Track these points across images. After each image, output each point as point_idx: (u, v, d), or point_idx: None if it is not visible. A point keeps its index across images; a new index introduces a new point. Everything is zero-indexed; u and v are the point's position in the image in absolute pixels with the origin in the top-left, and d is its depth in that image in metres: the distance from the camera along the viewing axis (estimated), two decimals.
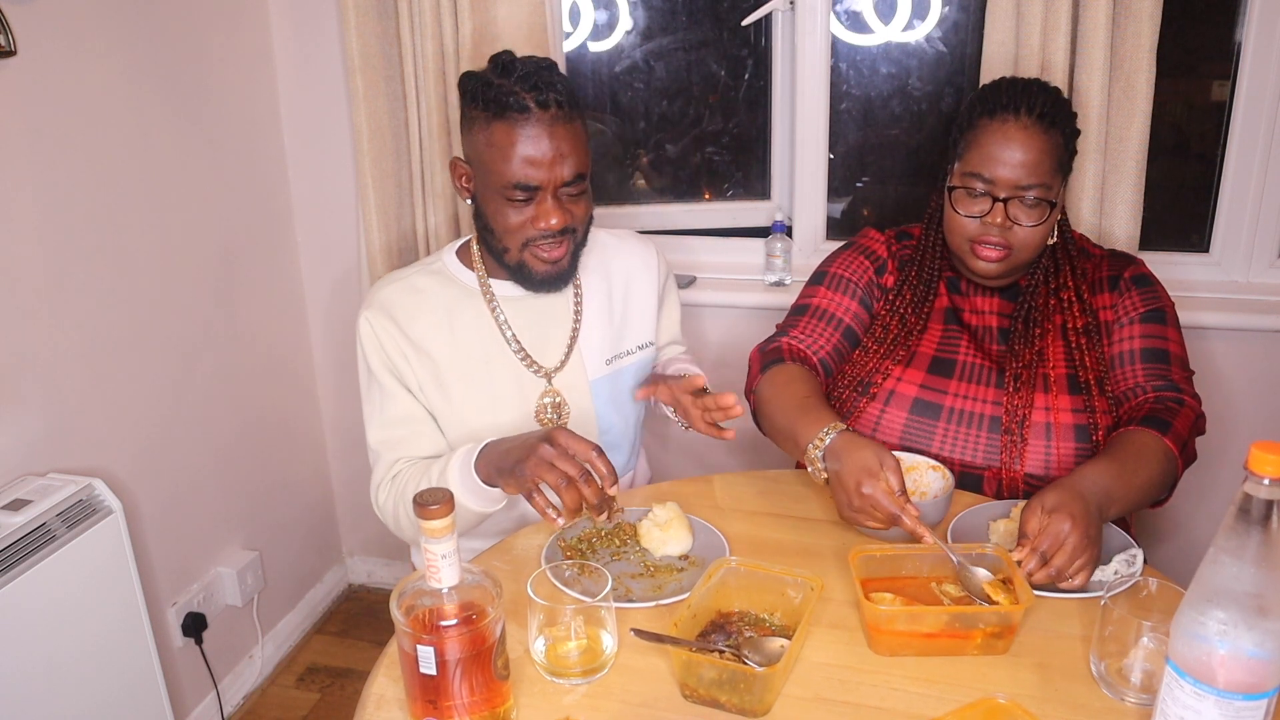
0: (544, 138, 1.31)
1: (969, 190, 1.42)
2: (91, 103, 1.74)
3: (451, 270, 1.49)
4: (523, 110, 1.30)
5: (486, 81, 1.33)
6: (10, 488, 1.59)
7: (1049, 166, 1.39)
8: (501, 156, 1.32)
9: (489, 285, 1.47)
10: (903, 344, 1.50)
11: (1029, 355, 1.45)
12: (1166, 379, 1.40)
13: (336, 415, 2.50)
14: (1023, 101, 1.39)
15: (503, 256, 1.41)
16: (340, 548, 2.67)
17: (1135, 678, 0.99)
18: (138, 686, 1.73)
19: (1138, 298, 1.47)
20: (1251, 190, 1.93)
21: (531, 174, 1.32)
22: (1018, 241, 1.42)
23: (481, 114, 1.33)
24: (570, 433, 1.20)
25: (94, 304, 1.78)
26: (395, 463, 1.43)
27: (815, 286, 1.58)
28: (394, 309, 1.43)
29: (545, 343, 1.49)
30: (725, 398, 1.31)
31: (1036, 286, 1.49)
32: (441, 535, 0.91)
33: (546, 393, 1.48)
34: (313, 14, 2.16)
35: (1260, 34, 1.84)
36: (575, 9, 2.21)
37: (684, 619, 1.05)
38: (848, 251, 1.60)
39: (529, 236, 1.37)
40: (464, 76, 1.38)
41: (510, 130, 1.31)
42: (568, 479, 1.16)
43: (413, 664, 0.93)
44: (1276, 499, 0.79)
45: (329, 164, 2.26)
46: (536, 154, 1.31)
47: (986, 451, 1.43)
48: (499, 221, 1.37)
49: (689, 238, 2.27)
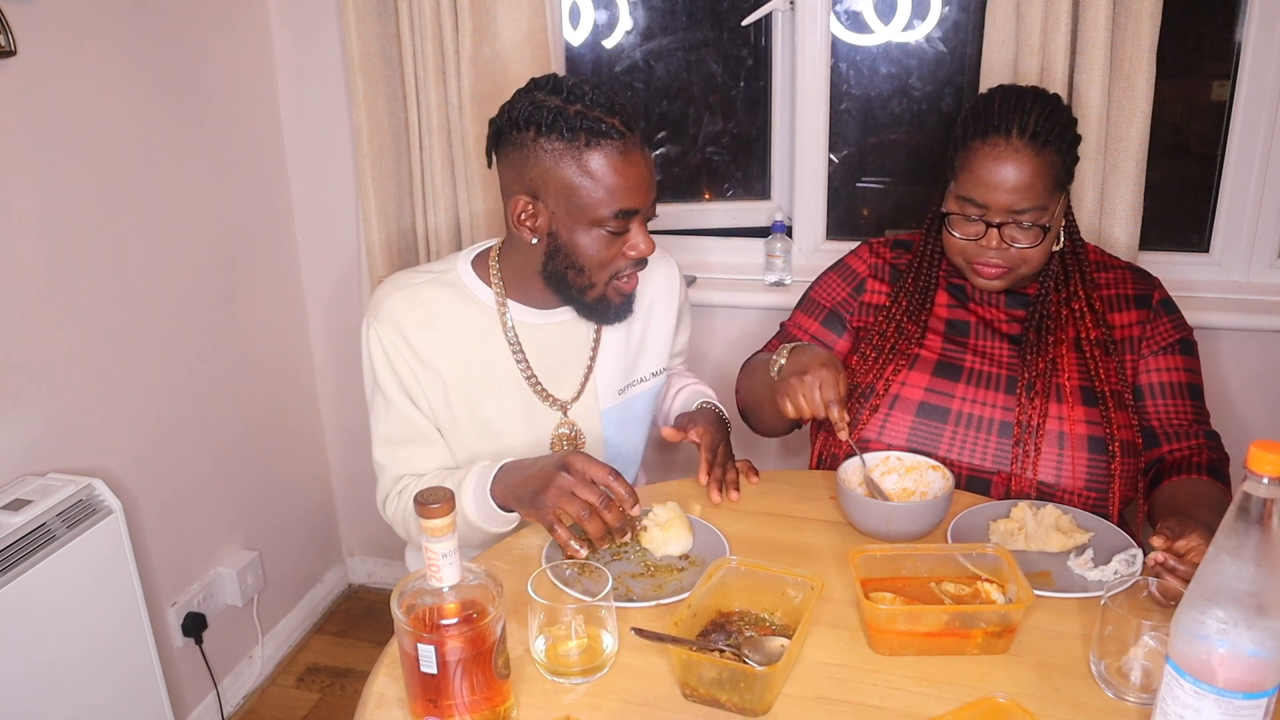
0: (640, 163, 1.27)
1: (963, 214, 1.41)
2: (91, 103, 1.74)
3: (466, 284, 1.41)
4: (617, 136, 1.24)
5: (558, 110, 1.24)
6: (10, 488, 1.60)
7: (1043, 188, 1.36)
8: (602, 185, 1.24)
9: (506, 306, 1.40)
10: (902, 351, 1.49)
11: (1042, 364, 1.44)
12: (1207, 421, 1.48)
13: (336, 415, 2.50)
14: (1014, 121, 1.36)
15: (584, 294, 1.33)
16: (340, 548, 2.67)
17: (1135, 677, 0.99)
18: (138, 686, 1.73)
19: (1169, 324, 1.48)
20: (1251, 190, 1.93)
21: (633, 201, 1.26)
22: (1015, 260, 1.41)
23: (566, 144, 1.24)
24: (586, 457, 1.20)
25: (94, 304, 1.78)
26: (401, 479, 1.41)
27: (795, 309, 1.66)
28: (402, 321, 1.36)
29: (560, 372, 1.44)
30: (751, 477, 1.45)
31: (1047, 295, 1.48)
32: (442, 535, 0.91)
33: (563, 424, 1.45)
34: (313, 14, 2.16)
35: (1260, 34, 1.84)
36: (575, 9, 2.22)
37: (684, 618, 1.05)
38: (829, 272, 1.64)
39: (619, 268, 1.32)
40: (518, 107, 1.27)
41: (607, 157, 1.24)
42: (590, 509, 1.16)
43: (413, 663, 0.93)
44: (1275, 498, 0.79)
45: (329, 164, 2.26)
46: (637, 179, 1.26)
47: (996, 456, 1.42)
48: (591, 256, 1.29)
49: (689, 238, 2.27)
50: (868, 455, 1.38)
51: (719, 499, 1.39)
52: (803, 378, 1.30)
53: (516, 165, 1.29)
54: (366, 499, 2.69)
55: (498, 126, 1.31)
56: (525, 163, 1.27)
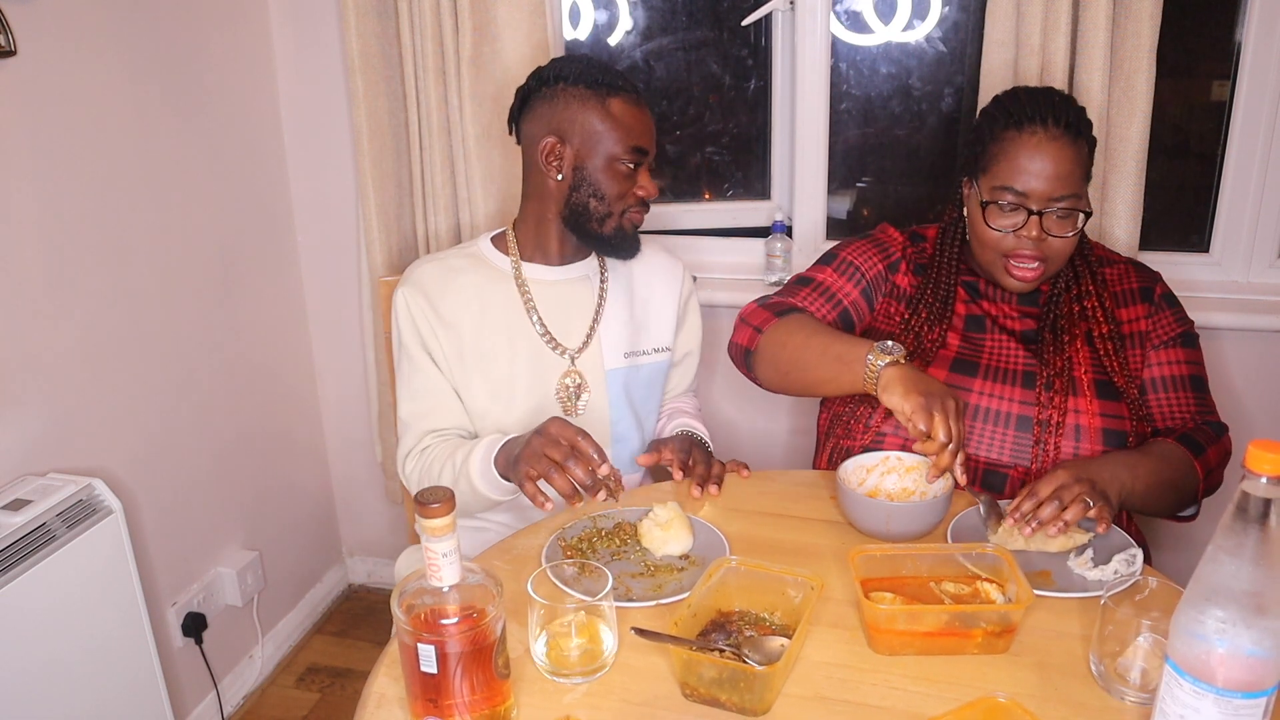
0: (649, 116, 1.51)
1: (999, 204, 1.42)
2: (92, 102, 1.74)
3: (486, 255, 1.58)
4: (632, 90, 1.49)
5: (584, 66, 1.48)
6: (10, 488, 1.60)
7: (1079, 176, 1.39)
8: (621, 125, 1.46)
9: (521, 269, 1.56)
10: (919, 358, 1.49)
11: (1059, 362, 1.45)
12: (1212, 412, 1.48)
13: (337, 415, 2.50)
14: (1049, 112, 1.39)
15: (603, 224, 1.50)
16: (340, 548, 2.67)
17: (1134, 677, 0.99)
18: (138, 686, 1.73)
19: (1171, 318, 1.50)
20: (1251, 190, 1.93)
21: (645, 141, 1.49)
22: (1051, 253, 1.42)
23: (591, 91, 1.46)
24: (561, 421, 1.27)
25: (94, 304, 1.78)
26: (424, 435, 1.51)
27: (823, 266, 1.59)
28: (428, 286, 1.51)
29: (568, 326, 1.56)
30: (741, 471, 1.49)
31: (1060, 294, 1.50)
32: (442, 534, 0.91)
33: (568, 373, 1.55)
34: (313, 14, 2.16)
35: (1260, 34, 1.84)
36: (575, 9, 2.22)
37: (684, 618, 1.05)
38: (863, 241, 1.61)
39: (629, 204, 1.51)
40: (545, 70, 1.50)
41: (625, 104, 1.47)
42: (555, 465, 1.23)
43: (413, 662, 0.93)
44: (1274, 497, 0.79)
45: (329, 164, 2.27)
46: (646, 125, 1.50)
47: (1014, 450, 1.43)
48: (610, 186, 1.48)
49: (689, 238, 2.27)
50: (867, 455, 1.38)
51: (699, 494, 1.42)
52: (945, 402, 1.24)
53: (543, 114, 1.48)
54: (366, 499, 2.70)
55: (524, 94, 1.52)
56: (554, 109, 1.47)
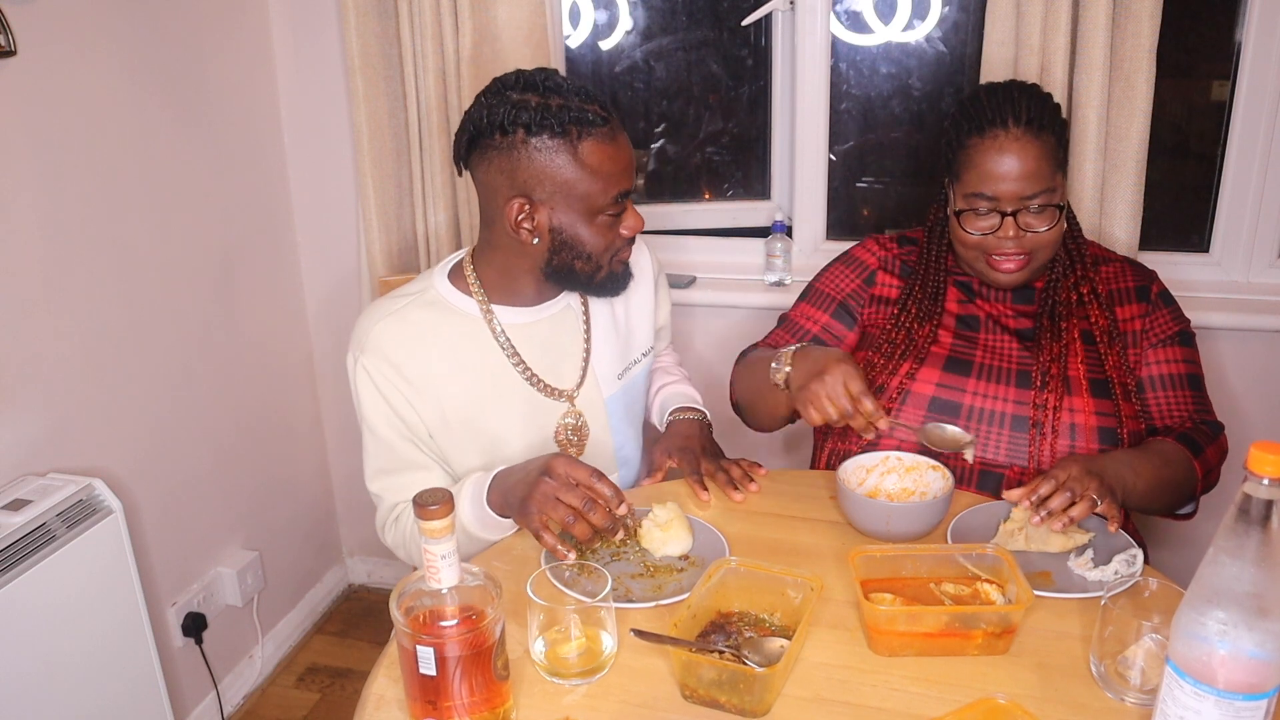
0: (625, 144, 1.30)
1: (974, 210, 1.42)
2: (92, 103, 1.74)
3: (447, 298, 1.38)
4: (602, 123, 1.26)
5: (541, 106, 1.24)
6: (10, 488, 1.60)
7: (1048, 170, 1.39)
8: (599, 175, 1.27)
9: (491, 312, 1.39)
10: (912, 356, 1.49)
11: (1056, 349, 1.45)
12: (1209, 411, 1.48)
13: (337, 415, 2.50)
14: (1008, 112, 1.38)
15: (592, 278, 1.36)
16: (340, 548, 2.67)
17: (1135, 678, 0.99)
18: (138, 686, 1.73)
19: (1168, 316, 1.50)
20: (1251, 190, 1.93)
21: (626, 182, 1.30)
22: (1033, 245, 1.42)
23: (559, 140, 1.25)
24: (568, 459, 1.20)
25: (94, 304, 1.78)
26: (396, 505, 1.40)
27: (799, 301, 1.64)
28: (389, 351, 1.33)
29: (559, 365, 1.44)
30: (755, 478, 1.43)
31: (1055, 284, 1.50)
32: (441, 535, 0.91)
33: (568, 414, 1.45)
34: (313, 14, 2.16)
35: (1260, 34, 1.84)
36: (575, 9, 2.22)
37: (684, 619, 1.05)
38: (836, 264, 1.64)
39: (617, 247, 1.35)
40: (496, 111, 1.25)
41: (599, 146, 1.26)
42: (574, 513, 1.17)
43: (412, 664, 0.93)
44: (1276, 499, 0.79)
45: (329, 164, 2.26)
46: (625, 161, 1.30)
47: (1010, 450, 1.43)
48: (596, 242, 1.32)
49: (689, 238, 2.27)
50: (867, 455, 1.38)
51: (740, 498, 1.39)
52: (823, 379, 1.26)
53: (505, 169, 1.28)
54: (367, 498, 2.69)
55: (472, 133, 1.29)
56: (516, 165, 1.27)
